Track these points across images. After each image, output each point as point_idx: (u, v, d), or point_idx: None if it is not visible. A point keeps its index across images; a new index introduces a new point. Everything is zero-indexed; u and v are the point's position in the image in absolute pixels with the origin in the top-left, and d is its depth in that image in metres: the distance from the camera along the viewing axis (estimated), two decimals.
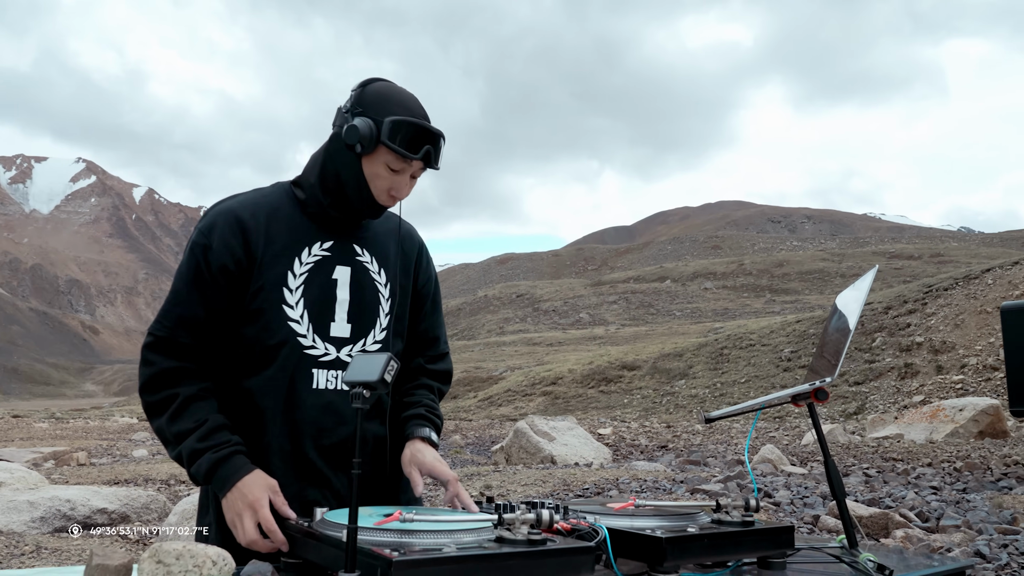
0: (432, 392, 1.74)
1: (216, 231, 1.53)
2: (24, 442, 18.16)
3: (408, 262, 1.71)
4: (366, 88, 1.54)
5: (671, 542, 1.27)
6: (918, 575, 1.43)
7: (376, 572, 1.01)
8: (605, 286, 74.19)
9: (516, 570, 1.09)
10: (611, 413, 22.98)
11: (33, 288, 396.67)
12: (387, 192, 1.55)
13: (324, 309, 1.56)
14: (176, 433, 1.47)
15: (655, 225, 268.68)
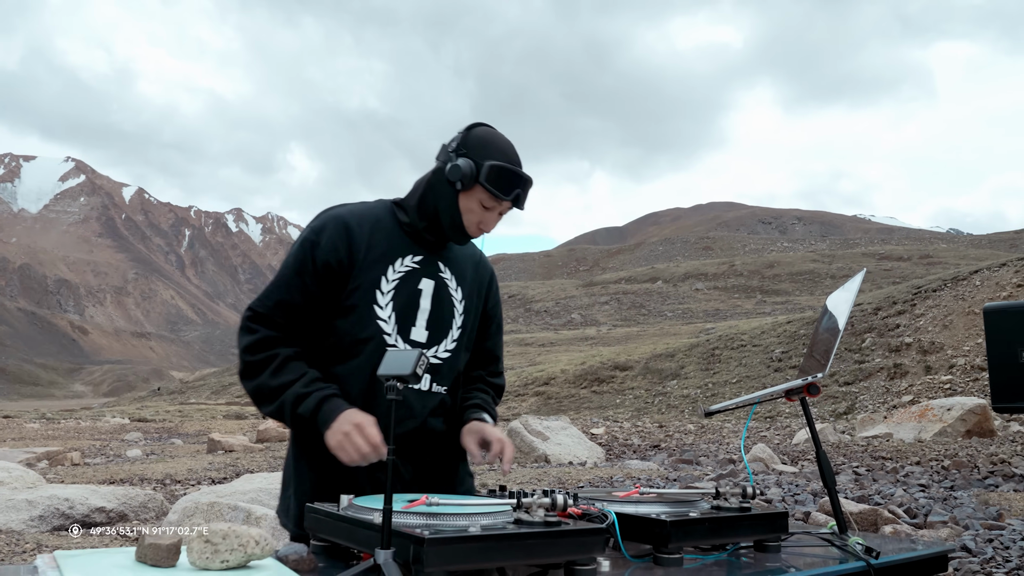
0: (489, 395, 1.95)
1: (326, 232, 1.75)
2: (16, 442, 18.12)
3: (481, 286, 1.94)
4: (471, 132, 1.75)
5: (675, 525, 1.37)
6: (902, 557, 1.53)
7: (409, 550, 1.10)
8: (597, 287, 74.36)
9: (535, 549, 1.19)
10: (604, 413, 23.09)
11: (21, 288, 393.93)
12: (476, 225, 1.78)
13: (408, 314, 1.77)
14: (280, 384, 1.67)
15: (646, 226, 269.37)
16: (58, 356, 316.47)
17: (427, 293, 1.79)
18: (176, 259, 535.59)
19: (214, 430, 20.95)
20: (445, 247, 1.86)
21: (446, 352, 1.81)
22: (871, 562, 1.45)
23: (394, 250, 1.77)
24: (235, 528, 1.14)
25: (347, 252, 1.73)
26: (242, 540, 1.14)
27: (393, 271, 1.76)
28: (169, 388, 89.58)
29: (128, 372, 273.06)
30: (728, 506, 1.53)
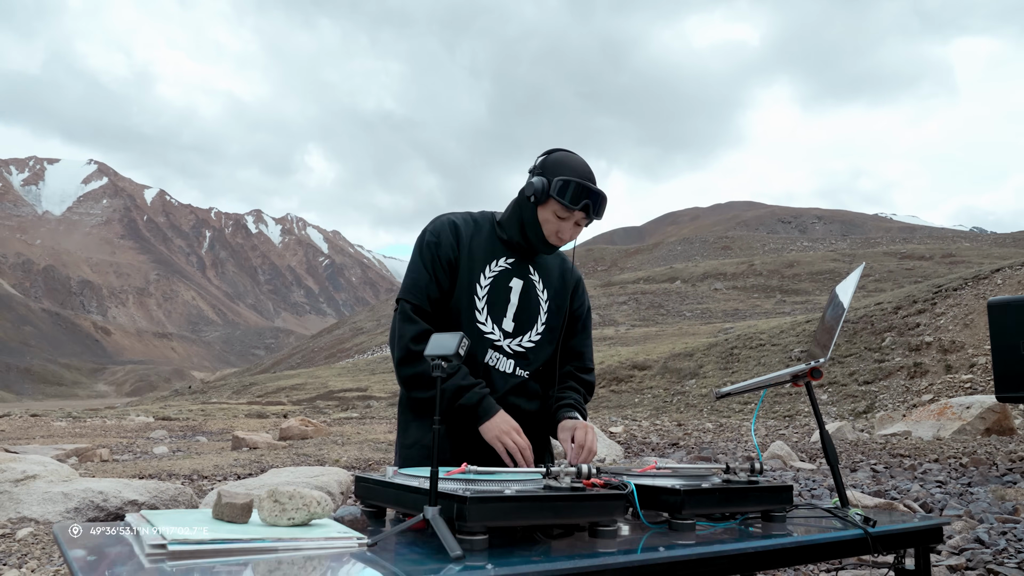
0: (580, 394, 2.20)
1: (443, 233, 2.08)
2: (45, 440, 18.51)
3: (567, 289, 2.22)
4: (549, 155, 2.06)
5: (688, 494, 1.52)
6: (897, 527, 1.66)
7: (453, 508, 1.26)
8: (615, 287, 74.29)
9: (562, 510, 1.34)
10: (622, 412, 23.18)
11: (46, 289, 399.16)
12: (555, 234, 2.06)
13: (499, 307, 2.08)
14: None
15: (665, 226, 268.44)
16: (82, 356, 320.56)
17: (516, 290, 2.10)
18: (197, 260, 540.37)
19: (238, 428, 21.26)
20: (535, 255, 2.15)
21: (530, 343, 2.11)
22: (868, 530, 1.59)
23: (490, 253, 2.10)
24: (300, 490, 1.30)
25: (457, 250, 2.07)
26: (306, 500, 1.30)
27: (489, 270, 2.08)
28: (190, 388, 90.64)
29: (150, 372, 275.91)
30: (737, 479, 1.67)
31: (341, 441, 16.29)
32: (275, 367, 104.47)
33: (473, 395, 1.95)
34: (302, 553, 1.18)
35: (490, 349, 2.06)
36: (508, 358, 2.08)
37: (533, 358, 2.12)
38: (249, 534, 1.20)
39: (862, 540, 1.59)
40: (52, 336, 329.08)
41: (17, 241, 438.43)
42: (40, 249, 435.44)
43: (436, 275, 2.05)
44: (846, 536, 1.58)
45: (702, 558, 1.32)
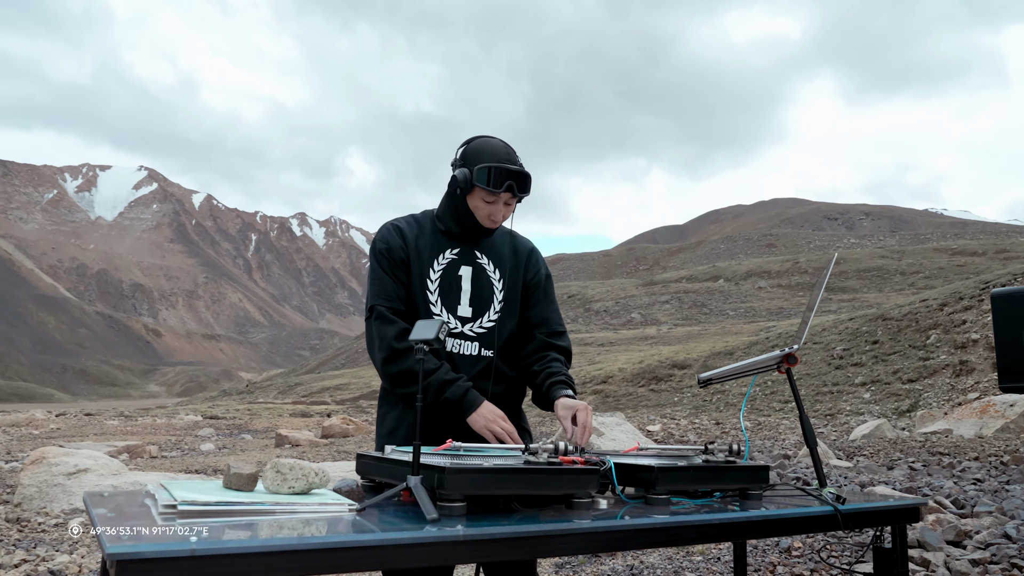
0: (562, 363, 2.28)
1: (390, 237, 2.22)
2: (98, 437, 19.18)
3: (519, 262, 2.32)
4: (468, 145, 2.18)
5: (662, 471, 1.63)
6: (866, 505, 1.75)
7: (434, 478, 1.39)
8: (657, 286, 73.75)
9: (537, 481, 1.46)
10: (661, 411, 23.13)
11: (99, 292, 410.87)
12: (488, 218, 2.18)
13: (452, 296, 2.19)
14: (425, 371, 2.05)
15: (707, 224, 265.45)
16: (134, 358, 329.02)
17: (467, 277, 2.22)
18: (243, 263, 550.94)
19: (282, 426, 21.75)
20: (479, 240, 2.27)
21: (490, 322, 2.22)
22: (838, 507, 1.68)
23: (436, 248, 2.22)
24: (300, 462, 1.45)
25: (406, 251, 2.20)
26: (305, 471, 1.45)
27: (437, 264, 2.20)
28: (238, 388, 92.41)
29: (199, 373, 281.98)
30: (715, 460, 1.78)
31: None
32: (320, 367, 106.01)
33: (457, 388, 2.06)
34: (297, 516, 1.32)
35: (450, 338, 2.17)
36: (472, 341, 2.18)
37: (496, 336, 2.22)
38: (252, 499, 1.35)
39: (832, 516, 1.68)
40: (106, 338, 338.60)
41: (72, 246, 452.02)
42: (93, 254, 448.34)
43: (398, 277, 2.18)
44: (816, 512, 1.68)
45: (664, 526, 1.44)
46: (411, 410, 2.13)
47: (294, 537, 1.15)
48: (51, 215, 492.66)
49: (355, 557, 1.16)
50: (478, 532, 1.25)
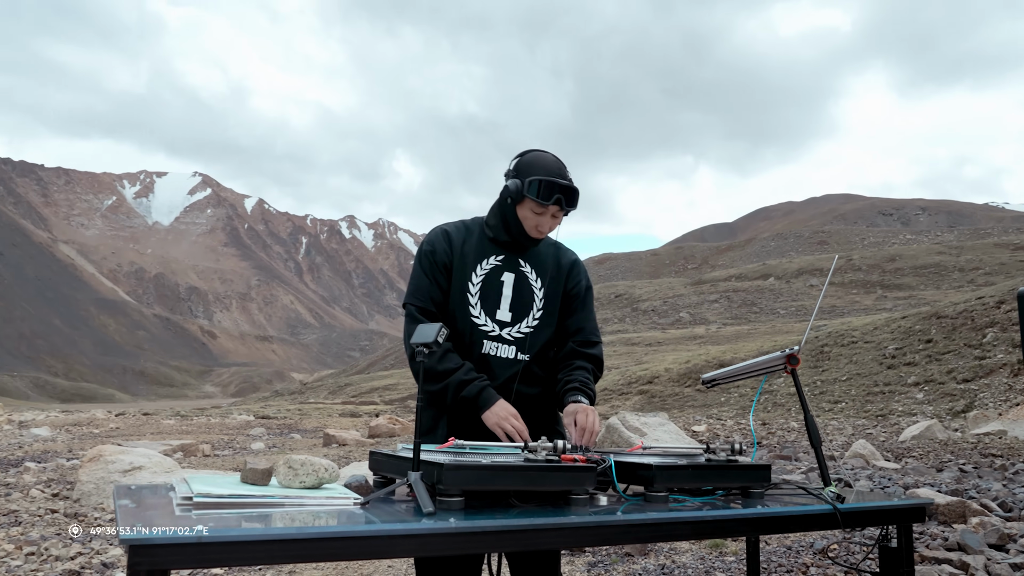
0: (587, 372, 2.34)
1: (437, 241, 2.34)
2: (154, 436, 19.80)
3: (561, 272, 2.42)
4: (522, 158, 2.30)
5: (660, 469, 1.68)
6: (866, 504, 1.77)
7: (434, 474, 1.47)
8: (706, 285, 72.88)
9: (534, 478, 1.53)
10: (707, 411, 22.91)
11: (157, 296, 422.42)
12: (535, 228, 2.29)
13: (492, 300, 2.29)
14: (444, 370, 2.19)
15: (757, 221, 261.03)
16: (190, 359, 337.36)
17: (509, 283, 2.32)
18: (294, 266, 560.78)
19: (330, 426, 22.15)
20: (524, 248, 2.37)
21: (528, 328, 2.31)
22: (837, 506, 1.71)
23: (481, 253, 2.33)
24: (311, 458, 1.54)
25: (450, 255, 2.31)
26: (315, 467, 1.54)
27: (480, 268, 2.31)
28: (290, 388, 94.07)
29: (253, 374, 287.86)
30: (717, 458, 1.82)
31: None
32: (369, 368, 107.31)
33: (473, 388, 2.16)
34: (305, 508, 1.41)
35: (486, 340, 2.26)
36: (509, 345, 2.28)
37: (532, 342, 2.30)
38: (263, 492, 1.45)
39: (831, 515, 1.71)
40: (163, 340, 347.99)
41: (130, 251, 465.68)
42: (151, 258, 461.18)
43: (436, 279, 2.29)
44: (814, 510, 1.71)
45: (655, 522, 1.49)
46: (444, 408, 2.23)
47: (293, 527, 1.24)
48: (111, 221, 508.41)
49: (348, 546, 1.24)
50: (468, 525, 1.33)
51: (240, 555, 1.19)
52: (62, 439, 20.44)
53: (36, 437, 22.12)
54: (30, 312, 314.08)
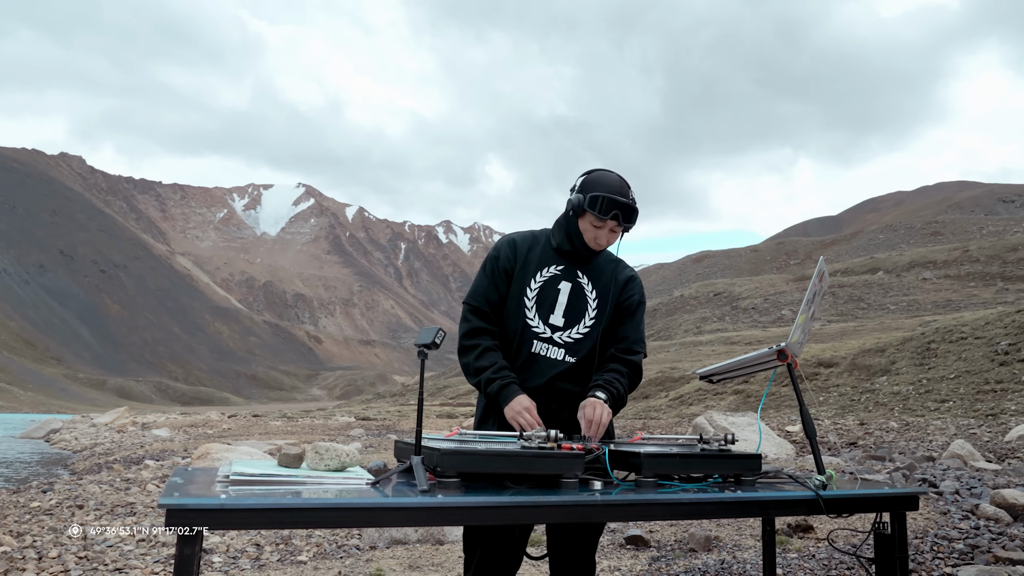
0: (620, 373, 2.48)
1: (503, 248, 2.55)
2: (261, 436, 20.94)
3: (616, 287, 2.57)
4: (587, 176, 2.49)
5: (647, 456, 1.84)
6: (854, 493, 1.88)
7: (433, 457, 1.69)
8: (808, 281, 70.27)
9: (525, 463, 1.73)
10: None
11: (266, 303, 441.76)
12: (594, 240, 2.48)
13: (547, 305, 2.49)
14: (479, 367, 2.43)
15: (864, 213, 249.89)
16: (298, 363, 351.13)
17: (565, 292, 2.51)
18: (394, 271, 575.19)
19: (427, 428, 22.82)
20: (586, 260, 2.56)
21: (579, 334, 2.49)
22: (820, 493, 1.83)
23: (542, 262, 2.53)
24: (335, 445, 1.79)
25: (513, 262, 2.52)
26: (338, 452, 1.79)
27: (540, 275, 2.51)
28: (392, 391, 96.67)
29: (357, 377, 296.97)
30: (709, 448, 1.96)
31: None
32: None
33: (495, 385, 2.38)
34: (323, 486, 1.66)
35: (536, 341, 2.46)
36: (559, 348, 2.46)
37: (580, 347, 2.47)
38: (290, 473, 1.70)
39: (814, 501, 1.83)
40: (273, 345, 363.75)
41: (241, 261, 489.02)
42: (260, 267, 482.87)
43: (495, 282, 2.51)
44: (796, 496, 1.83)
45: (630, 502, 1.66)
46: (492, 402, 2.42)
47: (299, 498, 1.48)
48: (222, 233, 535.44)
49: (344, 515, 1.48)
50: (453, 501, 1.54)
51: (253, 519, 1.44)
52: (179, 439, 21.86)
53: (156, 437, 23.74)
54: (152, 321, 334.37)
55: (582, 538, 2.37)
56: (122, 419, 37.07)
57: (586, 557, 2.40)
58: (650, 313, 76.64)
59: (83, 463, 16.84)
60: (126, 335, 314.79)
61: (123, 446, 21.21)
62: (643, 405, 31.58)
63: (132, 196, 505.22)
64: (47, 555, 5.05)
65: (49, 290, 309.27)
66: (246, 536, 5.72)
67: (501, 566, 2.30)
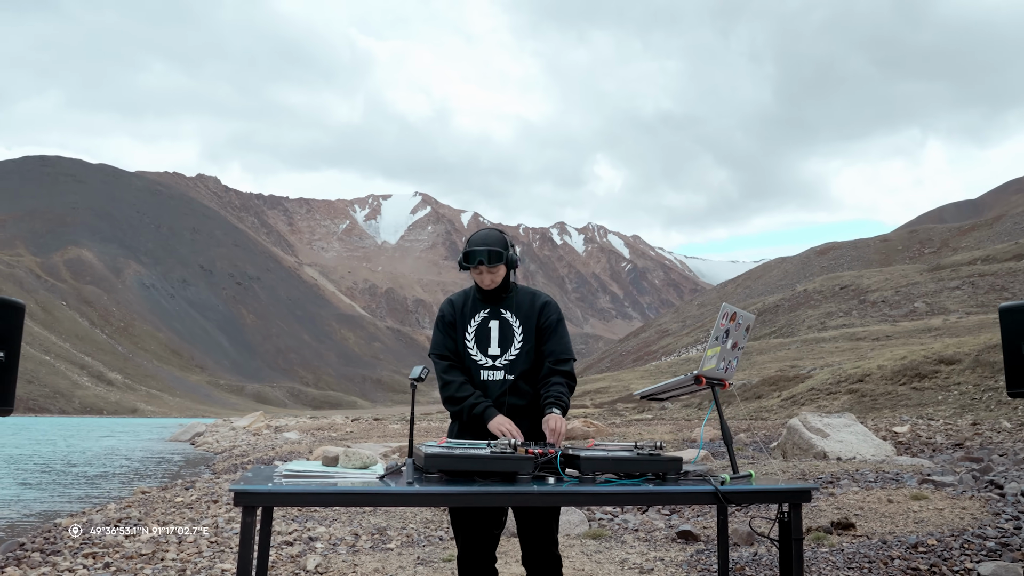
0: (560, 384, 3.12)
1: (445, 309, 3.28)
2: (380, 439, 22.34)
3: (534, 312, 3.23)
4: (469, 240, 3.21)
5: (586, 459, 2.47)
6: (750, 488, 2.43)
7: (422, 460, 2.39)
8: (945, 270, 66.72)
9: (487, 462, 2.39)
10: (922, 411, 21.60)
11: (388, 309, 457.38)
12: (482, 283, 3.18)
13: (483, 341, 3.19)
14: (462, 396, 3.08)
15: (1007, 195, 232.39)
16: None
17: (495, 328, 3.21)
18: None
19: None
20: (502, 299, 3.24)
21: (511, 356, 3.16)
22: (718, 488, 2.41)
23: (473, 310, 3.25)
24: (359, 450, 2.51)
25: (453, 316, 3.25)
26: (362, 456, 2.51)
27: (473, 321, 3.22)
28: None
29: None
30: (640, 453, 2.56)
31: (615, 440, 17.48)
32: (585, 372, 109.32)
33: (479, 408, 3.05)
34: (347, 478, 2.39)
35: (482, 370, 3.14)
36: (500, 371, 3.14)
37: (515, 366, 3.14)
38: (325, 470, 2.45)
39: (713, 493, 2.41)
40: (396, 350, 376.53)
41: (364, 269, 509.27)
42: (381, 275, 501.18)
43: (447, 334, 3.22)
44: (697, 489, 2.41)
45: (560, 492, 2.30)
46: (472, 421, 3.10)
47: (323, 486, 2.22)
48: (346, 243, 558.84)
49: (346, 498, 2.21)
50: (431, 489, 2.25)
51: (287, 500, 2.20)
52: (306, 442, 23.60)
53: (286, 440, 25.66)
54: (284, 329, 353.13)
55: (541, 522, 2.97)
56: (257, 423, 39.92)
57: (546, 537, 2.99)
58: (771, 310, 74.65)
59: (222, 463, 18.63)
60: (260, 343, 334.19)
61: (257, 448, 23.14)
62: (755, 406, 31.19)
63: (262, 211, 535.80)
64: (186, 540, 6.10)
65: (192, 303, 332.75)
66: (347, 527, 6.62)
67: (480, 544, 2.96)
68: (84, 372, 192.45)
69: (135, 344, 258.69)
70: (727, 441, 2.57)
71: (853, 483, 7.69)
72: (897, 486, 7.32)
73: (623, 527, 6.25)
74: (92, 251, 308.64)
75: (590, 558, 5.25)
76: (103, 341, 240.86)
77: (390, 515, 7.08)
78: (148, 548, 5.76)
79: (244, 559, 2.14)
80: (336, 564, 5.22)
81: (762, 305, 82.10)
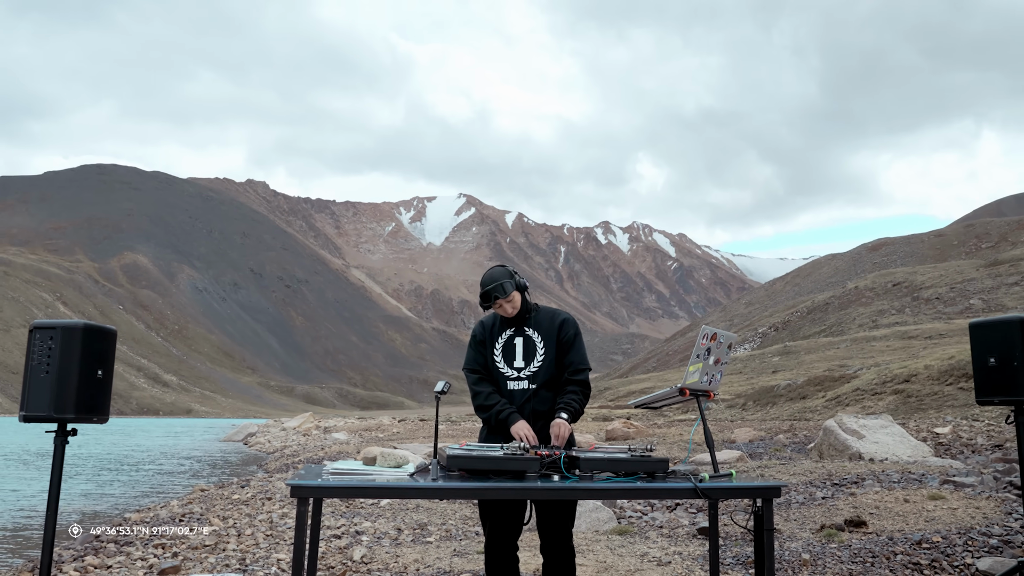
0: (574, 393, 3.59)
1: (477, 329, 3.75)
2: (425, 439, 22.98)
3: (554, 329, 3.70)
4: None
5: (584, 460, 2.90)
6: (723, 484, 2.83)
7: (444, 459, 2.85)
8: (1004, 265, 64.96)
9: (499, 462, 2.83)
10: (968, 412, 21.39)
11: (434, 310, 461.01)
12: (506, 312, 3.63)
13: (509, 355, 3.67)
14: (490, 404, 3.55)
15: None
16: None
17: (519, 344, 3.69)
18: (555, 274, 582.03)
19: (576, 429, 24.01)
20: (526, 320, 3.72)
21: (535, 367, 3.62)
22: (696, 484, 2.81)
23: (500, 329, 3.74)
24: (393, 452, 2.98)
25: (484, 335, 3.73)
26: (396, 456, 2.97)
27: (500, 339, 3.71)
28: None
29: None
30: (632, 454, 2.98)
31: (656, 441, 17.83)
32: (631, 372, 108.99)
33: (504, 414, 3.51)
34: (383, 475, 2.85)
35: (509, 381, 3.61)
36: (524, 381, 3.60)
37: (538, 377, 3.60)
38: (365, 469, 2.91)
39: (692, 490, 2.81)
40: (442, 351, 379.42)
41: (409, 271, 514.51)
42: (427, 276, 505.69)
43: (479, 351, 3.71)
44: (676, 487, 2.82)
45: (559, 488, 2.73)
46: (499, 425, 3.56)
47: (361, 480, 2.69)
48: (392, 245, 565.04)
49: (381, 491, 2.67)
50: (451, 485, 2.69)
51: (330, 492, 2.67)
52: (354, 442, 24.34)
53: (335, 440, 26.45)
54: (332, 331, 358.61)
55: (557, 516, 3.41)
56: (307, 423, 40.97)
57: (561, 529, 3.41)
58: (821, 308, 73.64)
59: (274, 463, 19.42)
60: (310, 345, 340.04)
61: (307, 448, 23.95)
62: (799, 406, 31.03)
63: (310, 215, 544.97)
64: (244, 533, 6.67)
65: (243, 306, 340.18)
66: (391, 522, 7.13)
67: (503, 533, 3.40)
68: (141, 374, 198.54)
69: (189, 346, 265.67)
70: (709, 445, 2.97)
71: (877, 483, 7.93)
72: (918, 486, 7.54)
73: (650, 524, 6.63)
74: (147, 256, 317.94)
75: (613, 552, 5.66)
76: (158, 344, 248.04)
77: (431, 512, 7.57)
78: (211, 540, 6.35)
79: (299, 545, 2.61)
80: (379, 555, 5.72)
81: (811, 303, 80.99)
